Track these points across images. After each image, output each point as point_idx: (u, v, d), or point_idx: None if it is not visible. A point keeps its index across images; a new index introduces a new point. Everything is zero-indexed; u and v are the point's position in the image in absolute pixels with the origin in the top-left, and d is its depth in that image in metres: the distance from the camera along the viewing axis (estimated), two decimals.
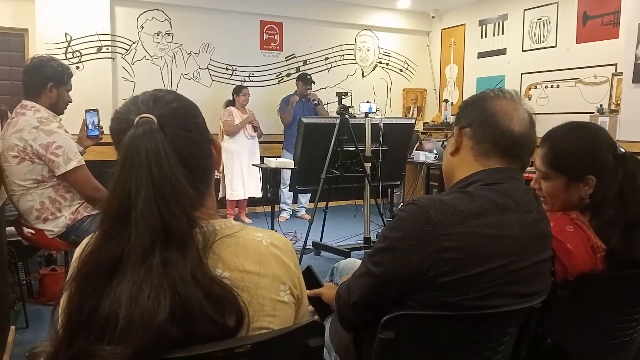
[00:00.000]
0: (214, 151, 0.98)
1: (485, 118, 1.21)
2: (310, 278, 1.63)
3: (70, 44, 5.42)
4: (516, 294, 1.12)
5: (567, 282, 1.31)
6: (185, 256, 0.78)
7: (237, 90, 5.63)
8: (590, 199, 1.41)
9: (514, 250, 1.12)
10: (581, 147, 1.42)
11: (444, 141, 5.99)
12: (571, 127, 1.47)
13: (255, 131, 5.67)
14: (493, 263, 1.08)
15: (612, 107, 5.05)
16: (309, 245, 4.30)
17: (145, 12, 5.80)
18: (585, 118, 4.69)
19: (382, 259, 1.13)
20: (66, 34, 5.39)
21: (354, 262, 1.83)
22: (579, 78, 5.48)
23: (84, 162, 2.45)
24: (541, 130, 1.26)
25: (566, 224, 1.36)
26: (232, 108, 5.56)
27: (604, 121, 4.73)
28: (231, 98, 5.68)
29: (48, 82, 2.49)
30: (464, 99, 1.42)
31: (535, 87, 5.93)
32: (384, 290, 1.14)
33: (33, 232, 2.51)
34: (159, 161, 0.80)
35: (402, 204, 6.28)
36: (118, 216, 0.79)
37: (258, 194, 5.68)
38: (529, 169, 1.30)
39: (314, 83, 5.93)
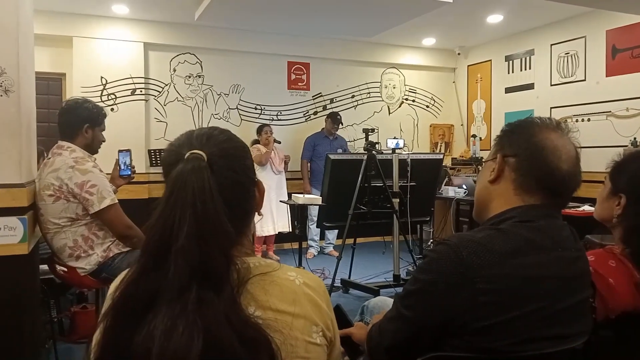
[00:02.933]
0: (257, 194, 0.99)
1: (534, 152, 1.14)
2: (340, 317, 1.58)
3: (106, 87, 5.63)
4: (557, 336, 1.07)
5: (609, 320, 1.25)
6: (220, 296, 0.77)
7: (259, 129, 5.73)
8: (620, 222, 1.39)
9: (552, 291, 1.07)
10: (632, 166, 1.43)
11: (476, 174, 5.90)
12: None
13: (284, 164, 5.76)
14: (531, 305, 1.04)
15: None
16: (337, 283, 4.24)
17: (177, 55, 6.01)
18: (619, 151, 4.57)
19: (414, 302, 1.09)
20: (102, 77, 5.61)
21: (384, 301, 1.79)
22: (610, 111, 5.39)
23: (117, 201, 2.50)
24: None
25: (608, 259, 1.32)
26: (258, 145, 5.64)
27: None
28: (256, 137, 5.78)
29: (84, 123, 2.58)
30: (492, 134, 1.39)
31: (566, 121, 5.81)
32: (416, 335, 1.10)
33: (65, 269, 2.55)
34: (204, 199, 0.80)
35: (431, 240, 6.17)
36: (158, 250, 0.79)
37: (287, 229, 5.69)
38: (571, 203, 1.27)
39: (342, 124, 6.10)
